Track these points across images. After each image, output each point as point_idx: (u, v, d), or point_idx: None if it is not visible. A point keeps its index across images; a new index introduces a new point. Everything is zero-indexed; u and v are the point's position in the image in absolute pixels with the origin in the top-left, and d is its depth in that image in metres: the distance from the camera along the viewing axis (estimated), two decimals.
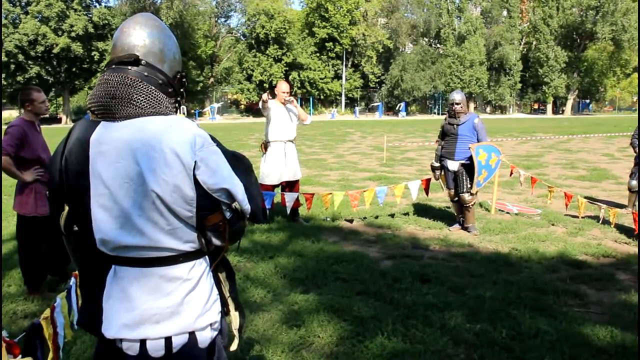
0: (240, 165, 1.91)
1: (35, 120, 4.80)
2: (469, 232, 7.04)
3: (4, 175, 4.70)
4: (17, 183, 4.77)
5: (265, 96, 7.32)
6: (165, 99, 1.90)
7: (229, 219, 1.89)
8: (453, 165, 7.05)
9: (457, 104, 7.02)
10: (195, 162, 1.76)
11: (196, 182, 1.78)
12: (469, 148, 6.85)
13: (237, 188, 1.84)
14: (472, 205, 7.00)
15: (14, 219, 7.61)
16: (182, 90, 2.03)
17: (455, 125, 7.03)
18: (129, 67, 1.87)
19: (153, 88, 1.87)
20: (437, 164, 7.33)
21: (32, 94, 4.74)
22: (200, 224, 1.85)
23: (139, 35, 1.90)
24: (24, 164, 4.61)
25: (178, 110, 2.01)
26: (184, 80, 2.03)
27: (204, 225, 1.85)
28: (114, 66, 1.89)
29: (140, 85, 1.84)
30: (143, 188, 1.75)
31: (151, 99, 1.84)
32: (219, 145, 1.88)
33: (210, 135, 1.87)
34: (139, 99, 1.82)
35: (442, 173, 7.33)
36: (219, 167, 1.81)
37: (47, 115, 5.73)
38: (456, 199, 7.13)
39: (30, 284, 4.84)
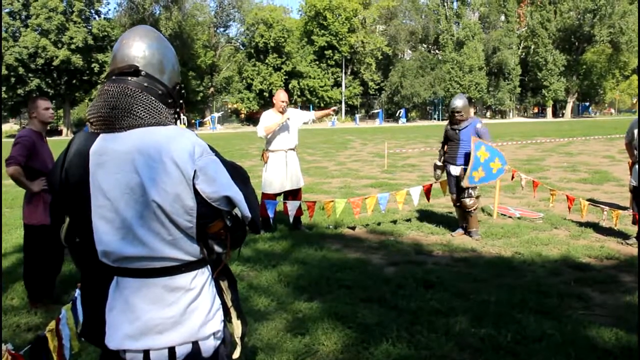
0: (239, 175, 1.92)
1: (42, 132, 4.87)
2: (471, 237, 7.04)
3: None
4: (25, 194, 4.82)
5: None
6: (164, 109, 1.90)
7: (230, 226, 1.89)
8: (455, 170, 7.04)
9: (458, 112, 6.95)
10: (195, 171, 1.76)
11: (196, 192, 1.78)
12: (472, 141, 6.79)
13: (238, 195, 1.84)
14: (474, 210, 6.99)
15: (17, 231, 7.66)
16: (181, 101, 2.05)
17: (457, 130, 7.02)
18: (129, 78, 1.89)
19: (153, 98, 1.88)
20: (440, 163, 7.32)
21: (36, 100, 4.86)
22: (202, 232, 1.85)
23: (139, 47, 1.92)
24: (32, 174, 4.67)
25: (177, 121, 2.01)
26: (182, 91, 2.05)
27: (205, 233, 1.86)
28: (113, 77, 1.90)
29: (140, 96, 1.85)
30: (144, 198, 1.75)
31: (151, 109, 1.85)
32: (217, 155, 1.88)
33: (209, 146, 1.87)
34: (139, 109, 1.83)
35: (445, 177, 7.33)
36: (218, 176, 1.81)
37: (48, 127, 5.78)
38: (458, 203, 7.13)
39: (33, 296, 4.84)
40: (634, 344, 3.80)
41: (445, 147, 7.29)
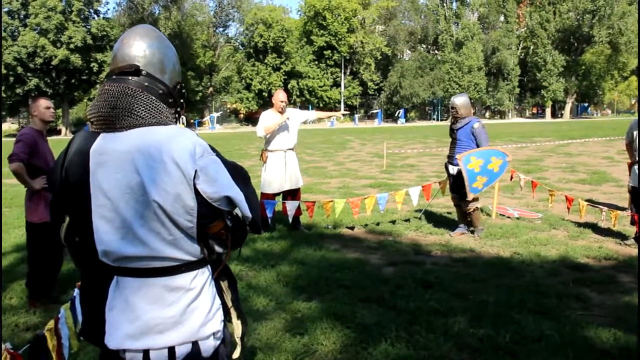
0: (239, 175, 1.91)
1: (43, 130, 4.92)
2: (473, 234, 7.06)
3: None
4: (26, 192, 4.85)
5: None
6: (165, 109, 1.90)
7: (231, 226, 1.89)
8: (452, 169, 7.05)
9: (452, 108, 7.01)
10: (196, 171, 1.76)
11: (196, 192, 1.78)
12: (457, 158, 6.77)
13: (239, 195, 1.84)
14: (471, 211, 7.00)
15: (15, 230, 7.66)
16: (182, 100, 2.04)
17: (455, 130, 7.03)
18: (130, 77, 1.88)
19: (153, 98, 1.87)
20: None
21: (37, 100, 4.92)
22: (202, 232, 1.85)
23: (140, 46, 1.91)
24: (34, 171, 4.72)
25: (178, 121, 2.01)
26: (183, 91, 2.05)
27: (206, 234, 1.86)
28: (114, 77, 1.90)
29: (140, 96, 1.85)
30: (144, 198, 1.75)
31: (152, 109, 1.85)
32: (218, 155, 1.88)
33: (210, 146, 1.87)
34: (140, 109, 1.83)
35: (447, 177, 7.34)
36: (219, 176, 1.81)
37: (48, 127, 5.81)
38: (458, 204, 7.14)
39: (35, 294, 4.85)
40: (632, 345, 3.80)
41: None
